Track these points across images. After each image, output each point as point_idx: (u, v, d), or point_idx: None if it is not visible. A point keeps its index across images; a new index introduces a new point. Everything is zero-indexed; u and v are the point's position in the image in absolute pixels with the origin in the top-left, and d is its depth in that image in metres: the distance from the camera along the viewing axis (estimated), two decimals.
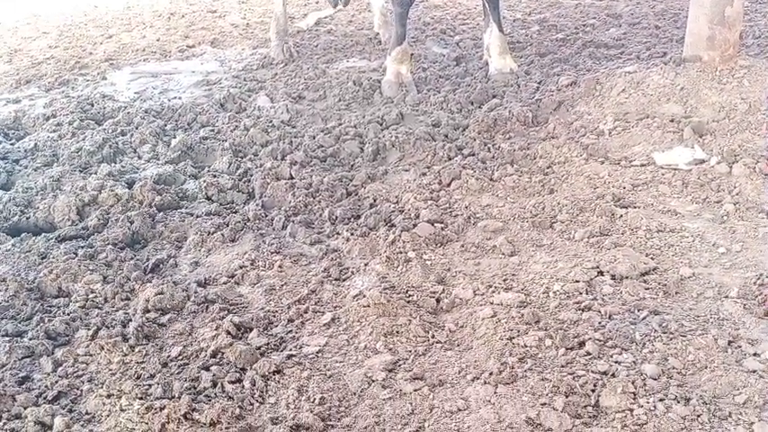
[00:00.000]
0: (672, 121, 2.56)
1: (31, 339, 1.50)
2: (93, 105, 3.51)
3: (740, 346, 1.44)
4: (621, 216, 1.94)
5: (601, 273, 1.65)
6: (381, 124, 3.03)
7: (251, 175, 2.50)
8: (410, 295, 1.60)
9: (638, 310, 1.55)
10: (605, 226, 1.89)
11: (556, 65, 3.69)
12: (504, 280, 1.65)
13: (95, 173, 2.60)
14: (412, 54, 3.72)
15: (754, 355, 1.42)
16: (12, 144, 3.10)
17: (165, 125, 3.12)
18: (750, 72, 2.76)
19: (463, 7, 5.54)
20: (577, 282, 1.60)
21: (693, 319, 1.54)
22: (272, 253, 1.86)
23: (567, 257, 1.75)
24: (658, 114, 2.62)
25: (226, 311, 1.58)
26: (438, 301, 1.59)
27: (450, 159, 2.52)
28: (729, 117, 2.52)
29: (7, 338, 1.52)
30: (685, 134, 2.40)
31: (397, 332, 1.49)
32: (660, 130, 2.46)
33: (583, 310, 1.54)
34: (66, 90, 3.93)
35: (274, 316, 1.58)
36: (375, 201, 2.22)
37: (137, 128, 3.10)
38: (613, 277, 1.64)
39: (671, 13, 4.89)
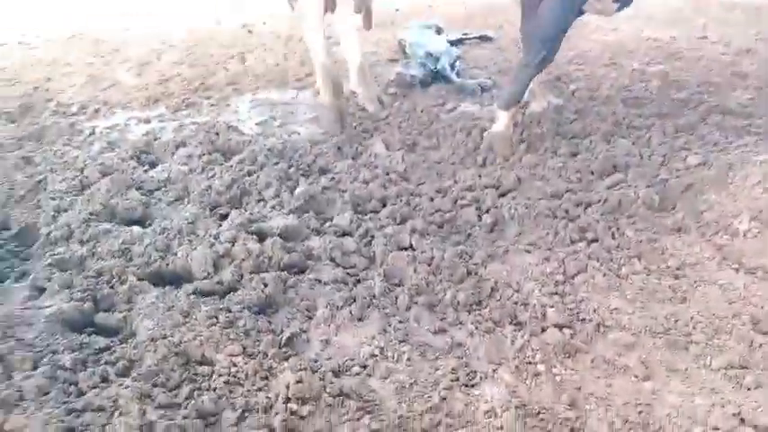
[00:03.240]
0: None
1: (184, 418, 1.61)
2: (219, 135, 3.69)
3: None
4: (761, 346, 1.86)
5: (742, 420, 1.60)
6: (498, 189, 3.04)
7: (372, 237, 2.57)
8: (543, 420, 1.61)
9: None
10: (744, 356, 1.82)
11: (680, 134, 3.55)
12: (640, 413, 1.63)
13: (227, 217, 2.75)
14: None
15: None
16: (145, 171, 3.31)
17: (288, 168, 3.24)
18: None
19: (578, 49, 5.43)
20: (717, 430, 1.56)
21: None
22: (399, 341, 1.91)
23: (705, 392, 1.70)
24: None
25: (362, 411, 1.64)
26: (572, 430, 1.59)
27: (572, 243, 2.49)
28: None
29: (161, 411, 1.64)
30: None
31: None
32: None
33: None
34: (193, 113, 4.15)
35: (408, 423, 1.63)
36: (497, 284, 2.23)
37: (261, 168, 3.24)
38: (755, 428, 1.59)
39: None
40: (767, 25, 6.46)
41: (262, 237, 2.56)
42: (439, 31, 5.46)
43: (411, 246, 2.45)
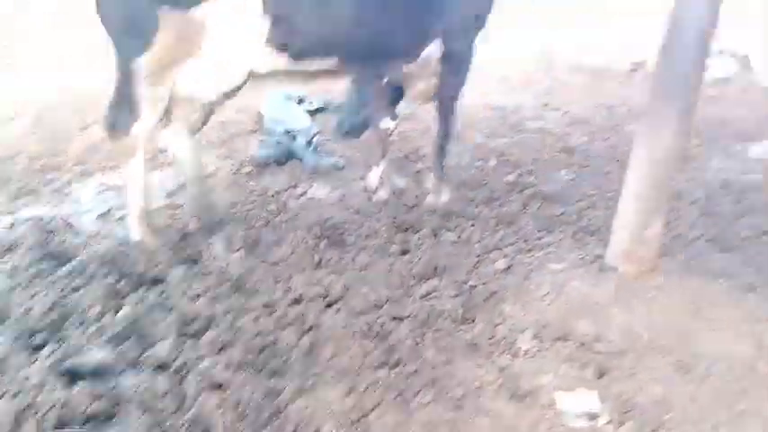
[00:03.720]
0: (582, 344, 2.79)
1: None
2: (55, 236, 3.63)
3: None
4: None
5: None
6: (325, 299, 3.22)
7: (187, 372, 2.65)
8: None
9: None
10: None
11: (499, 227, 3.91)
12: None
13: (43, 348, 2.74)
14: None
15: None
16: None
17: (118, 280, 3.24)
18: (660, 293, 3.01)
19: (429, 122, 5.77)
20: None
21: None
22: None
23: None
24: (573, 334, 2.85)
25: None
26: None
27: (378, 368, 2.70)
28: (632, 349, 2.76)
29: None
30: (587, 374, 2.63)
31: None
32: (568, 362, 2.68)
33: None
34: (30, 202, 4.04)
35: None
36: (297, 427, 2.40)
37: (90, 281, 3.22)
38: None
39: (622, 150, 5.15)
40: (606, 90, 7.15)
41: (73, 377, 2.57)
42: (301, 100, 5.60)
43: (223, 386, 2.56)
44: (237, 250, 3.59)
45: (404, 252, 3.66)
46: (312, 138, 4.94)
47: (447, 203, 4.14)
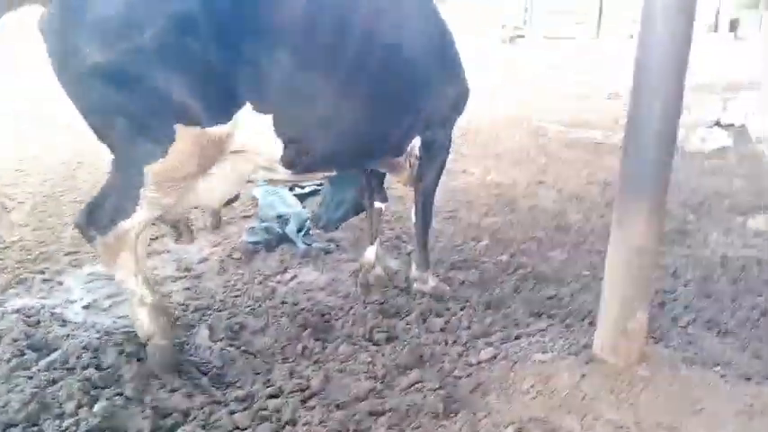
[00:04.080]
0: None
1: None
2: (39, 327, 3.63)
3: None
4: None
5: None
6: (305, 391, 3.13)
7: None
8: None
9: None
10: None
11: (488, 312, 3.84)
12: None
13: None
14: None
15: None
16: None
17: (97, 372, 3.21)
18: (650, 386, 2.89)
19: None
20: None
21: None
22: None
23: None
24: (558, 431, 2.73)
25: None
26: None
27: None
28: None
29: None
30: None
31: None
32: None
33: None
34: (22, 292, 4.07)
35: None
36: None
37: (70, 373, 3.19)
38: None
39: None
40: (600, 165, 7.18)
41: None
42: (293, 186, 5.69)
43: None
44: (219, 340, 3.56)
45: (389, 339, 3.59)
46: (305, 221, 4.98)
47: (436, 288, 4.09)
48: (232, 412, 2.97)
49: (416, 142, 3.63)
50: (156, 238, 4.81)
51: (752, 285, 4.23)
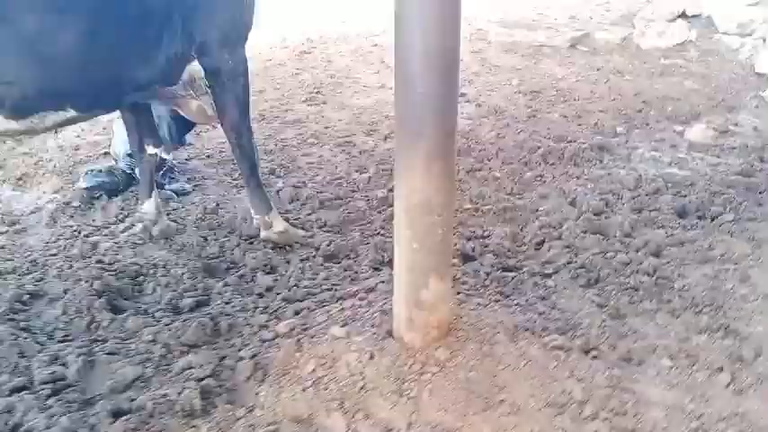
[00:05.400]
0: None
1: None
2: None
3: None
4: None
5: None
6: (59, 382, 2.65)
7: None
8: None
9: None
10: None
11: (328, 266, 3.25)
12: None
13: None
14: None
15: None
16: None
17: None
18: (442, 370, 2.30)
19: None
20: None
21: None
22: None
23: None
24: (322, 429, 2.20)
25: None
26: None
27: None
28: None
29: None
30: None
31: None
32: None
33: None
34: None
35: None
36: None
37: None
38: None
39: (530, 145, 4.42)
40: (535, 71, 6.29)
41: None
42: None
43: None
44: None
45: (196, 306, 3.06)
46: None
47: (284, 233, 3.49)
48: None
49: (198, 71, 2.91)
50: None
51: (654, 216, 3.52)
